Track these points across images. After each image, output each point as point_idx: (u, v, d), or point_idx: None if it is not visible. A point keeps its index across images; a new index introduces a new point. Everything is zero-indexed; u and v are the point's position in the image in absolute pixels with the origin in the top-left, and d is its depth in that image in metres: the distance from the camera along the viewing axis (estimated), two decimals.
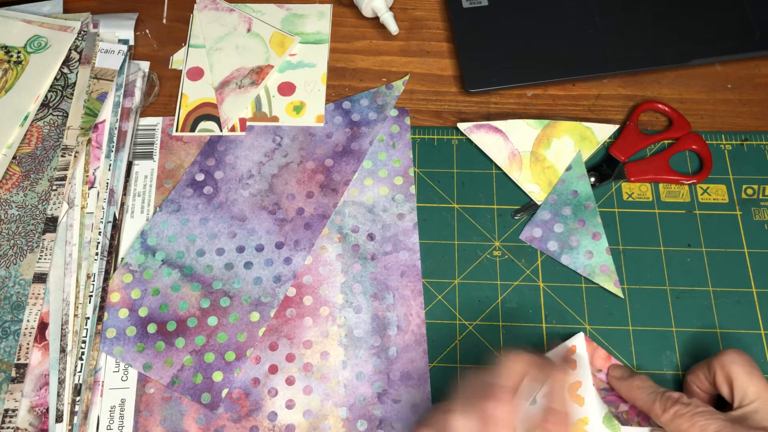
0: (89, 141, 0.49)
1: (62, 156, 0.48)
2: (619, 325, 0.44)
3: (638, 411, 0.40)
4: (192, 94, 0.52)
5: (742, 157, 0.49)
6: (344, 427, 0.42)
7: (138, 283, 0.46)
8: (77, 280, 0.44)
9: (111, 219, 0.47)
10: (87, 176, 0.47)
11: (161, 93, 0.53)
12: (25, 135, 0.49)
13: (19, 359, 0.42)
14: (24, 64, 0.51)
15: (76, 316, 0.43)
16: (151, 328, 0.44)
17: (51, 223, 0.45)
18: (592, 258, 0.46)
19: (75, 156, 0.48)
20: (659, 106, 0.51)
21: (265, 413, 0.42)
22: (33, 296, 0.43)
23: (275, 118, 0.51)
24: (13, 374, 0.41)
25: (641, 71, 0.53)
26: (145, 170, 0.49)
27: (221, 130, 0.51)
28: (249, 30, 0.54)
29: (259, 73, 0.52)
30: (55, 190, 0.46)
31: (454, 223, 0.48)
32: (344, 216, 0.48)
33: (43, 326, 0.42)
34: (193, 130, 0.51)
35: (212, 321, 0.44)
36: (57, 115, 0.49)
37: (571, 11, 0.54)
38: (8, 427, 0.40)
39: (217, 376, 0.43)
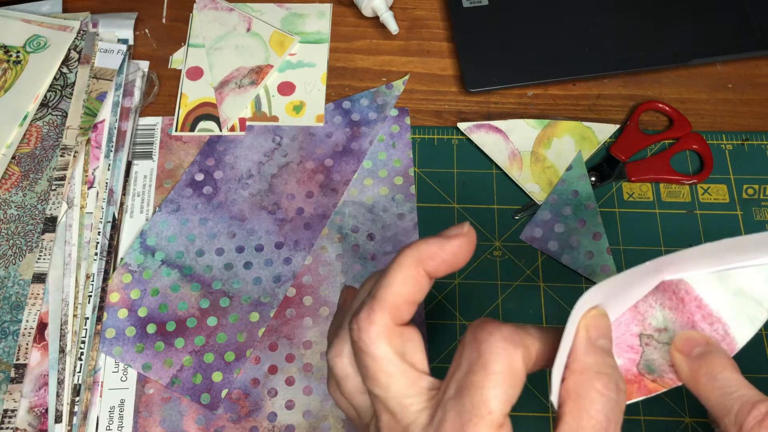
0: (88, 141, 0.48)
1: (61, 156, 0.47)
2: None
3: None
4: (191, 94, 0.52)
5: (742, 156, 0.49)
6: (344, 428, 0.42)
7: (137, 283, 0.45)
8: (76, 280, 0.44)
9: (110, 219, 0.47)
10: (86, 176, 0.47)
11: (161, 93, 0.53)
12: (25, 135, 0.49)
13: (18, 359, 0.41)
14: (23, 63, 0.51)
15: (75, 316, 0.43)
16: (151, 329, 0.44)
17: (50, 223, 0.45)
18: (593, 258, 0.46)
19: (74, 156, 0.48)
20: (660, 105, 0.51)
21: (264, 414, 0.42)
22: (32, 296, 0.43)
23: (275, 118, 0.51)
24: (12, 374, 0.41)
25: (641, 71, 0.52)
26: (145, 170, 0.49)
27: (221, 130, 0.50)
28: (249, 29, 0.54)
29: (258, 73, 0.52)
30: (54, 190, 0.46)
31: (454, 223, 0.47)
32: (344, 216, 0.48)
33: (42, 326, 0.42)
34: (192, 129, 0.51)
35: (212, 321, 0.44)
36: (56, 115, 0.49)
37: (572, 11, 0.54)
38: (7, 428, 0.40)
39: (217, 377, 0.43)
